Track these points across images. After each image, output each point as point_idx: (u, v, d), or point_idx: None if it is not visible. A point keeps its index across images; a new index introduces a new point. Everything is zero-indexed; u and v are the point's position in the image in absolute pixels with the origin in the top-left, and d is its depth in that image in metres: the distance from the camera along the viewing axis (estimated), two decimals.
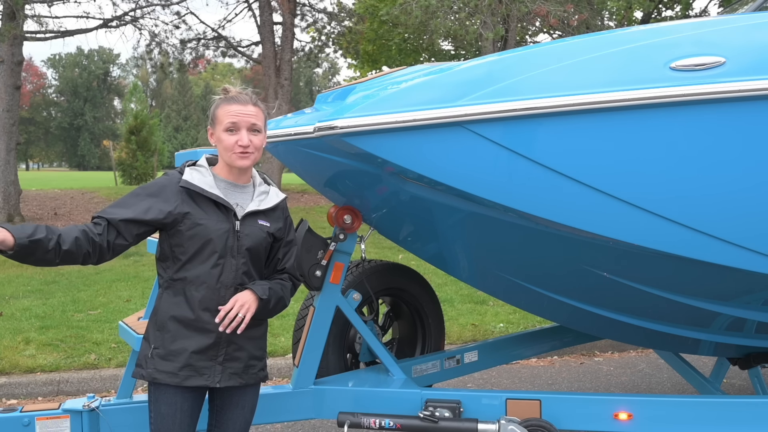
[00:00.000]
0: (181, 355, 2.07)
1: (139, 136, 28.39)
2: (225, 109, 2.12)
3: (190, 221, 2.07)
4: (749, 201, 2.21)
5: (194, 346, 2.08)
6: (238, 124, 2.10)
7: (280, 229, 2.25)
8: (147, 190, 2.12)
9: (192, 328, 2.08)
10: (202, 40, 17.21)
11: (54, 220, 12.07)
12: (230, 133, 2.10)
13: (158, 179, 2.16)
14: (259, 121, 2.14)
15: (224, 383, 2.13)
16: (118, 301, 6.47)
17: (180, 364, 2.07)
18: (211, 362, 2.11)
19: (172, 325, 2.09)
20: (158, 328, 2.11)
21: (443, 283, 7.10)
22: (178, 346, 2.08)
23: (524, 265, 2.72)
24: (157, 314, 2.13)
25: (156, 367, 2.08)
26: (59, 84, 70.42)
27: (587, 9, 14.32)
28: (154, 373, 2.08)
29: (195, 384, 2.09)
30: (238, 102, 2.12)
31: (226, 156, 2.13)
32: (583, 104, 2.14)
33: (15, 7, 11.10)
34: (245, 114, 2.11)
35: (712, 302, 2.59)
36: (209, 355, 2.10)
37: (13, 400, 4.37)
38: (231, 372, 2.14)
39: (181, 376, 2.07)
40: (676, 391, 4.50)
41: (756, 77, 2.13)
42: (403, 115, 2.19)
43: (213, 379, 2.11)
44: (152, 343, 2.11)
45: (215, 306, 2.09)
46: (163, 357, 2.08)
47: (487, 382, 4.71)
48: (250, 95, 2.17)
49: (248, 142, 2.10)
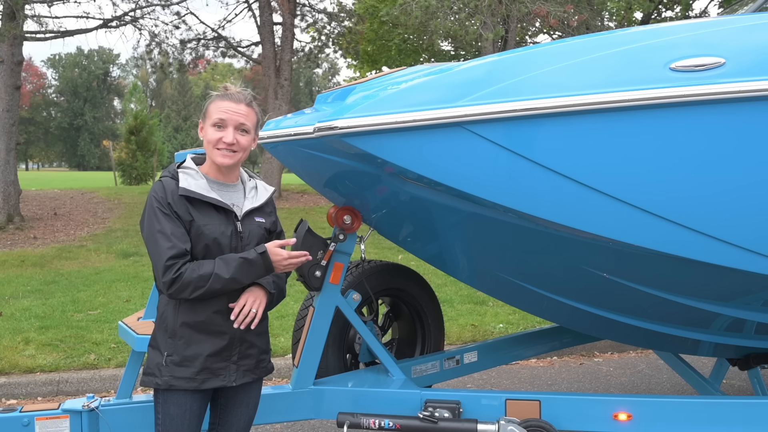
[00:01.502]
0: (196, 359, 2.07)
1: (138, 136, 28.43)
2: (217, 105, 2.11)
3: (195, 228, 2.06)
4: (749, 202, 2.21)
5: (209, 349, 2.09)
6: (226, 121, 2.09)
7: (273, 222, 2.28)
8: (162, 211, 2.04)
9: (205, 332, 2.09)
10: (202, 40, 17.21)
11: (54, 220, 12.08)
12: (217, 129, 2.09)
13: (156, 191, 2.08)
14: (248, 122, 2.13)
15: (239, 381, 2.16)
16: (118, 302, 6.47)
17: (197, 369, 2.07)
18: (226, 362, 2.12)
19: (185, 331, 2.08)
20: (170, 336, 2.09)
21: (443, 283, 7.10)
22: (192, 351, 2.08)
23: (524, 266, 2.72)
24: (166, 322, 2.10)
25: (172, 374, 2.07)
26: (59, 84, 70.42)
27: (587, 9, 14.33)
28: (171, 380, 2.07)
29: (212, 386, 2.11)
30: (231, 99, 2.12)
31: (209, 150, 2.12)
32: (583, 105, 2.14)
33: (15, 7, 11.09)
34: (235, 112, 2.10)
35: (712, 303, 2.59)
36: (223, 356, 2.11)
37: (12, 400, 4.37)
38: (245, 369, 2.17)
39: (198, 380, 2.08)
40: (676, 392, 4.50)
41: (756, 78, 2.13)
42: (403, 115, 2.19)
43: (229, 378, 2.13)
44: (164, 351, 2.09)
45: (226, 308, 2.10)
46: (179, 363, 2.07)
47: (487, 382, 4.71)
48: (246, 95, 2.16)
49: (233, 140, 2.09)
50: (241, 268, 2.03)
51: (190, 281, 1.98)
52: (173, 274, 1.98)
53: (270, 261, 2.07)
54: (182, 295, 2.02)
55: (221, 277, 2.00)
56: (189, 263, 2.01)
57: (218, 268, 2.01)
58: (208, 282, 1.99)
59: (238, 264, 2.03)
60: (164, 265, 1.98)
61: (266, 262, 2.07)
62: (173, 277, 1.98)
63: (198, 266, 2.01)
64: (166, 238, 2.00)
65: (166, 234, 2.00)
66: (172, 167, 2.17)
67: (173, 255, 1.98)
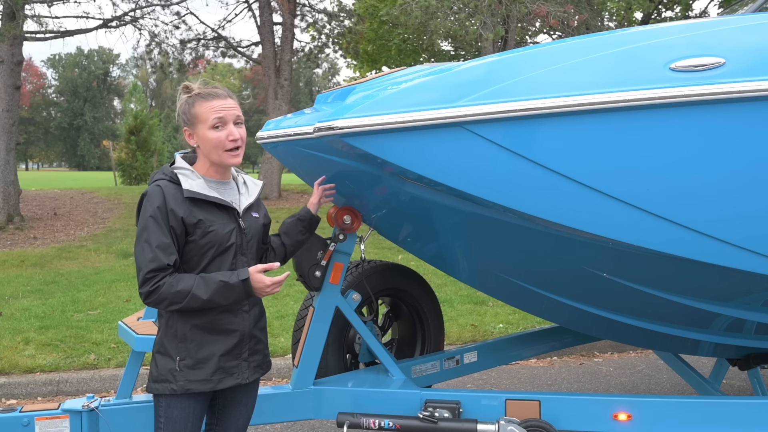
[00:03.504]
0: (210, 360, 2.07)
1: (138, 136, 28.42)
2: (206, 106, 2.06)
3: (201, 229, 2.04)
4: (749, 202, 2.21)
5: (222, 349, 2.09)
6: (224, 118, 2.06)
7: (265, 215, 2.29)
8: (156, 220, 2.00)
9: (216, 332, 2.08)
10: (202, 40, 17.22)
11: (54, 220, 12.08)
12: (218, 130, 2.06)
13: (152, 197, 2.04)
14: (241, 113, 2.12)
15: (251, 377, 2.17)
16: (118, 302, 6.47)
17: (211, 370, 2.07)
18: (238, 360, 2.13)
19: (195, 334, 2.07)
20: (180, 340, 2.07)
21: (443, 283, 7.10)
22: (205, 353, 2.07)
23: (524, 266, 2.72)
24: (175, 327, 2.07)
25: (187, 378, 2.05)
26: (59, 84, 70.42)
27: (587, 10, 14.33)
28: (187, 385, 2.05)
29: (227, 385, 2.11)
30: (217, 97, 2.08)
31: (216, 155, 2.08)
32: (583, 105, 2.14)
33: (15, 7, 11.10)
34: (228, 107, 2.08)
35: (711, 303, 2.59)
36: (235, 354, 2.12)
37: (12, 400, 4.37)
38: (255, 365, 2.19)
39: (214, 380, 2.08)
40: (676, 392, 4.50)
41: (756, 78, 2.13)
42: (403, 115, 2.19)
43: (242, 376, 2.14)
44: (176, 356, 2.06)
45: (234, 305, 2.10)
46: (192, 367, 2.06)
47: (487, 382, 4.71)
48: (224, 88, 2.14)
49: (238, 135, 2.08)
50: (219, 292, 2.00)
51: (167, 296, 1.96)
52: (150, 287, 1.96)
53: (251, 288, 2.04)
54: (159, 307, 2.02)
55: (198, 297, 1.98)
56: (169, 276, 1.97)
57: (197, 287, 1.98)
58: (185, 300, 1.97)
59: (217, 287, 2.00)
60: (143, 277, 1.97)
61: (247, 289, 2.03)
62: (150, 290, 1.97)
63: (177, 281, 1.97)
64: (150, 249, 1.97)
65: (152, 245, 1.97)
66: (166, 169, 2.13)
67: (153, 268, 1.96)
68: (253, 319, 2.17)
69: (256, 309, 2.20)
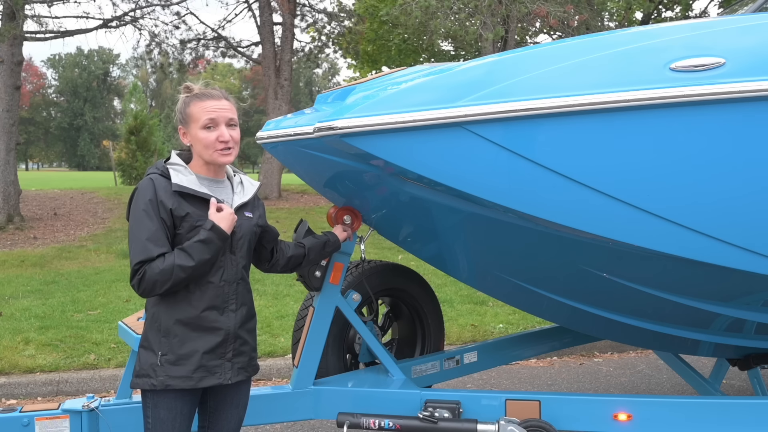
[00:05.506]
0: (192, 357, 2.06)
1: (138, 136, 28.39)
2: (200, 106, 2.09)
3: (189, 223, 2.06)
4: (749, 202, 2.21)
5: (204, 346, 2.08)
6: (216, 119, 2.08)
7: (261, 216, 2.29)
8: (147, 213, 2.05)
9: (200, 329, 2.08)
10: (202, 40, 17.23)
11: (54, 220, 12.08)
12: (209, 130, 2.08)
13: (143, 190, 2.09)
14: (234, 115, 2.13)
15: (234, 379, 2.15)
16: (118, 302, 6.47)
17: (193, 367, 2.06)
18: (221, 360, 2.11)
19: (179, 329, 2.07)
20: (163, 335, 2.07)
21: (443, 283, 7.10)
22: (187, 349, 2.06)
23: (524, 266, 2.72)
24: (159, 320, 2.09)
25: (168, 373, 2.05)
26: (59, 84, 70.44)
27: (587, 10, 14.32)
28: (167, 380, 2.05)
29: (208, 384, 2.09)
30: (212, 98, 2.10)
31: (207, 154, 2.10)
32: (582, 105, 2.14)
33: (15, 7, 11.10)
34: (221, 109, 2.09)
35: (711, 303, 2.59)
36: (218, 353, 2.10)
37: (12, 400, 4.37)
38: (239, 367, 2.16)
39: (195, 378, 2.06)
40: (676, 392, 4.50)
41: (756, 78, 2.13)
42: (402, 115, 2.19)
43: (225, 376, 2.12)
44: (158, 351, 2.06)
45: (220, 303, 2.10)
46: (174, 362, 2.05)
47: (487, 382, 4.71)
48: (221, 90, 2.16)
49: (229, 137, 2.09)
50: (200, 250, 2.02)
51: (155, 278, 1.98)
52: (139, 277, 1.99)
53: (222, 230, 2.05)
54: (154, 293, 2.02)
55: (184, 266, 2.00)
56: (153, 262, 2.00)
57: (178, 258, 2.00)
58: (172, 274, 1.99)
59: (196, 248, 2.02)
60: (133, 269, 2.01)
61: (219, 233, 2.05)
62: (139, 279, 2.00)
63: (160, 263, 2.00)
64: (140, 242, 2.01)
65: (141, 239, 2.01)
66: (159, 164, 2.16)
67: (142, 259, 1.99)
68: (239, 319, 2.15)
69: (243, 309, 2.18)
